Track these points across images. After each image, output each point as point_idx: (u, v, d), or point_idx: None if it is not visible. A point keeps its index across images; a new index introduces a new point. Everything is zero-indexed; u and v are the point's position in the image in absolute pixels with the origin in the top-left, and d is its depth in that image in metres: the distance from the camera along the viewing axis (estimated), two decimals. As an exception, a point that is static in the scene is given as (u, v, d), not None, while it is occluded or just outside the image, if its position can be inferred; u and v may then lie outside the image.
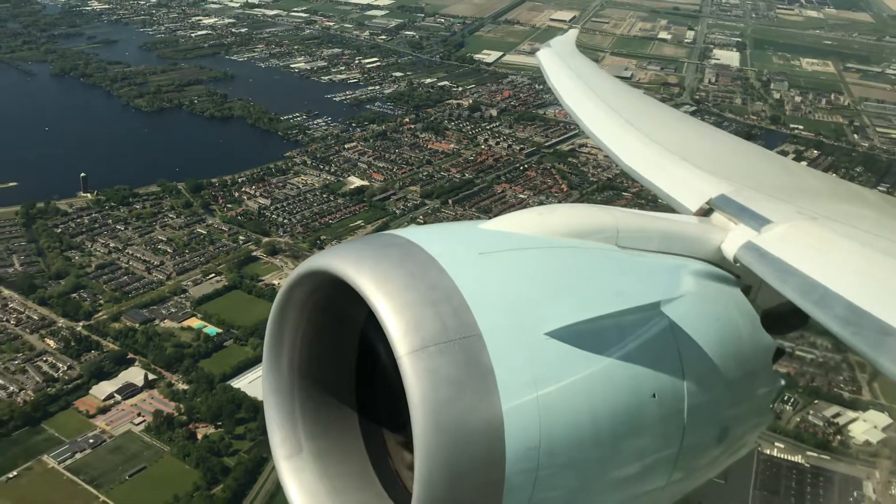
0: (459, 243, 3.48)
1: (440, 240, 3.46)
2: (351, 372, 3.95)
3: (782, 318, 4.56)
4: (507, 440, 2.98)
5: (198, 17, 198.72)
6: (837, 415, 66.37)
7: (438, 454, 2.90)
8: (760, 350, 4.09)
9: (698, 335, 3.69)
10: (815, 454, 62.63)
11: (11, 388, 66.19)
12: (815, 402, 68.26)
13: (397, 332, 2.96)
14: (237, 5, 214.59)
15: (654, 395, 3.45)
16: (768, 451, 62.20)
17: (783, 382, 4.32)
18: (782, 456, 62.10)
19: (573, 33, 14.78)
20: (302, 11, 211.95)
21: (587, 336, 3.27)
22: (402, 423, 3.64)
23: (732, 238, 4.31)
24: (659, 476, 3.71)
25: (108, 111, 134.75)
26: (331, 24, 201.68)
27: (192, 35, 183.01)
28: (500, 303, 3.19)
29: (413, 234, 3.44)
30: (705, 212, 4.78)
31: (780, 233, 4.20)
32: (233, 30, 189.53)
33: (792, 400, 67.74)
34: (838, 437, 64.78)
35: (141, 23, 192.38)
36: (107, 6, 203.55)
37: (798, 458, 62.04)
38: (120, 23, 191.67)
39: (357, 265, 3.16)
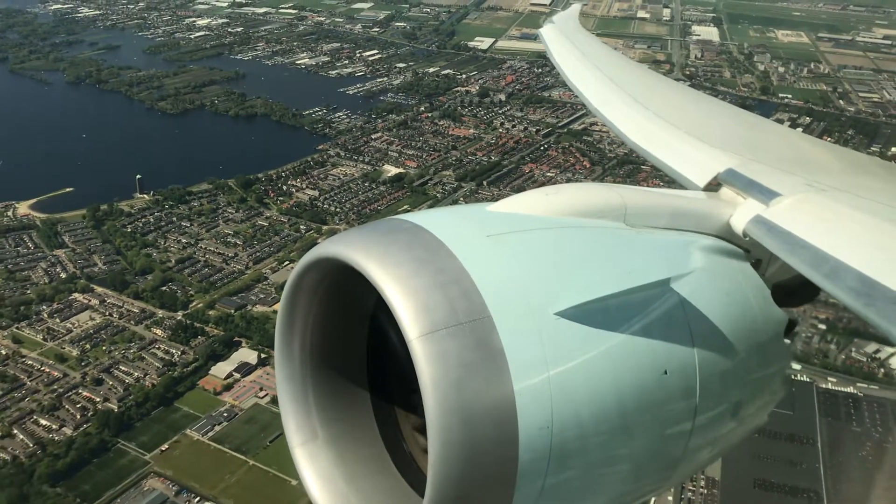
0: (467, 226, 3.49)
1: (447, 223, 3.47)
2: (363, 357, 4.00)
3: (793, 291, 4.56)
4: (520, 420, 3.01)
5: (192, 19, 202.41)
6: (878, 350, 74.95)
7: (452, 436, 2.92)
8: (771, 324, 4.09)
9: (709, 311, 3.72)
10: (865, 385, 71.18)
11: (136, 373, 72.02)
12: (855, 340, 76.92)
13: (407, 316, 2.99)
14: (225, 5, 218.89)
15: (665, 372, 3.47)
16: (824, 385, 70.64)
17: (795, 355, 4.41)
18: (837, 388, 70.57)
19: (576, 8, 14.51)
20: (289, 8, 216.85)
21: (597, 315, 3.30)
22: (415, 407, 3.76)
23: (741, 212, 4.30)
24: (673, 452, 3.76)
25: (135, 115, 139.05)
26: (322, 19, 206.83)
27: (191, 37, 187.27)
28: (510, 284, 3.22)
29: (420, 218, 3.47)
30: (714, 187, 4.78)
31: (789, 205, 4.17)
32: (229, 29, 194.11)
33: (835, 340, 76.45)
34: (882, 369, 73.53)
35: (136, 27, 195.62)
36: (98, 12, 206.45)
37: (851, 389, 70.56)
38: (116, 28, 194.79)
39: (365, 251, 3.20)
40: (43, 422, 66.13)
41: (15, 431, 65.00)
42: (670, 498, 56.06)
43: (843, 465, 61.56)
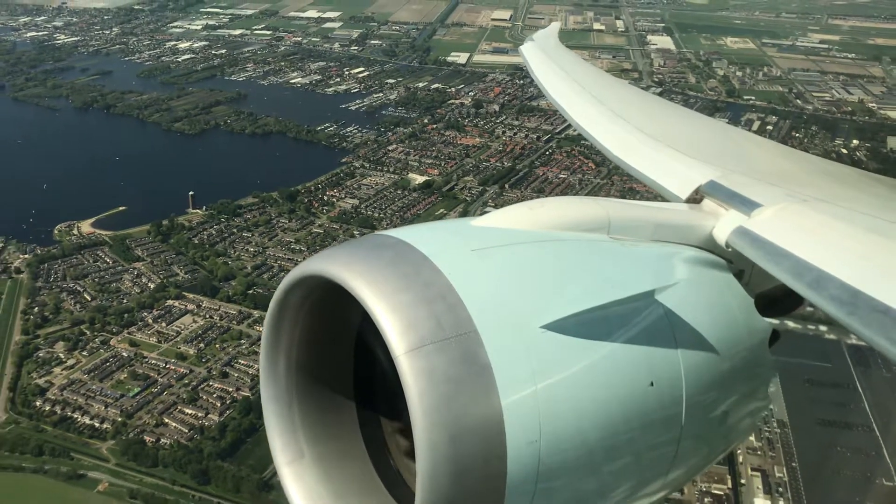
0: (451, 241, 3.51)
1: (432, 238, 3.48)
2: (349, 374, 3.99)
3: (776, 300, 4.59)
4: (508, 435, 3.01)
5: (172, 43, 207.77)
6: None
7: (439, 452, 2.92)
8: (756, 334, 4.13)
9: (693, 321, 3.75)
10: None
11: (255, 365, 79.82)
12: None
13: (393, 332, 2.98)
14: (199, 28, 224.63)
15: (651, 384, 3.49)
16: (849, 341, 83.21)
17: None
18: (859, 342, 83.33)
19: (555, 26, 14.91)
20: (262, 29, 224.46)
21: (583, 328, 3.31)
22: (402, 424, 3.77)
23: (723, 223, 4.31)
24: (660, 464, 3.81)
25: (156, 137, 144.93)
26: (299, 38, 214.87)
27: (179, 60, 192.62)
28: (495, 298, 3.23)
29: (404, 233, 3.48)
30: (696, 199, 4.80)
31: (771, 216, 4.18)
32: (213, 52, 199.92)
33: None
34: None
35: (120, 52, 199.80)
36: (77, 38, 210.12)
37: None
38: (100, 54, 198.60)
39: (349, 267, 3.20)
40: (188, 411, 73.74)
41: (167, 420, 72.62)
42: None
43: (884, 404, 74.17)
